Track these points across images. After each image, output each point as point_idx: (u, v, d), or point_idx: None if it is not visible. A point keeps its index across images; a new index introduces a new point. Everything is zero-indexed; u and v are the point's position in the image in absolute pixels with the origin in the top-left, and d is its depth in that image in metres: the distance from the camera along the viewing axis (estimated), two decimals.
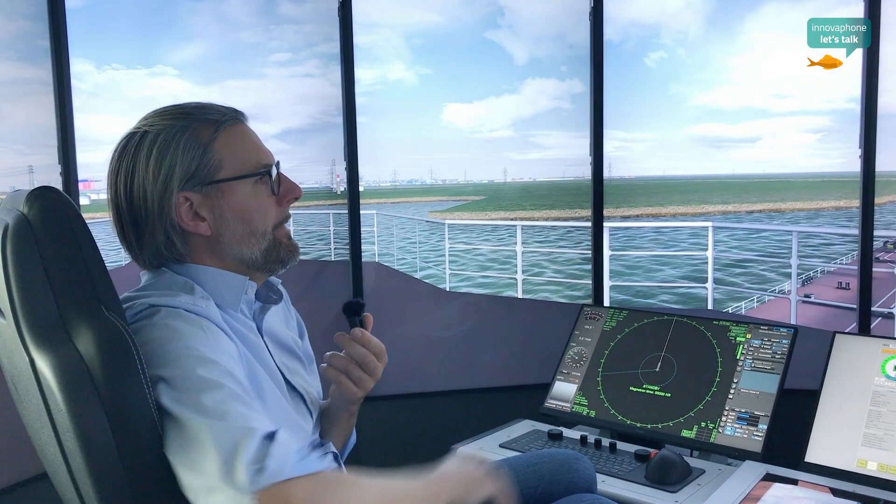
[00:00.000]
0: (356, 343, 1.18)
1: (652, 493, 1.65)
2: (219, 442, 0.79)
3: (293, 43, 3.19)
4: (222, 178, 1.01)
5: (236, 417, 0.82)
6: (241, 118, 1.07)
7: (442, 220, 8.40)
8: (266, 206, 1.05)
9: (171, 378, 0.85)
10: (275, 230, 1.07)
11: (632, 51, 34.27)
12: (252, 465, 0.78)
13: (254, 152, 1.05)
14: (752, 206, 57.46)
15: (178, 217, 1.00)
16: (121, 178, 1.01)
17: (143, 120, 1.03)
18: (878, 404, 1.71)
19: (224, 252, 1.04)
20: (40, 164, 2.21)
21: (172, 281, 1.01)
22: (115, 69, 4.33)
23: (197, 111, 1.03)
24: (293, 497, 0.78)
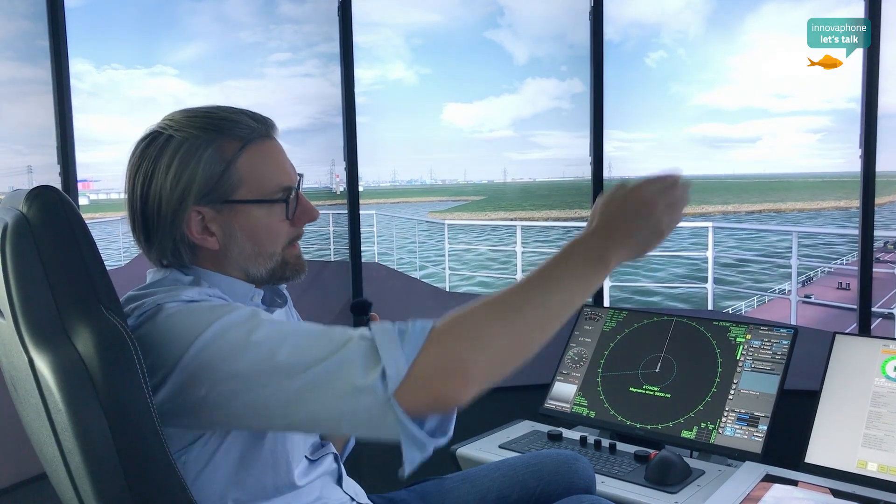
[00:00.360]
0: None
1: (652, 494, 1.65)
2: (331, 380, 0.80)
3: (293, 43, 3.20)
4: (239, 198, 0.99)
5: (316, 349, 0.82)
6: (271, 132, 1.04)
7: (441, 221, 8.40)
8: (278, 228, 1.03)
9: (231, 356, 0.84)
10: (284, 250, 1.05)
11: (632, 51, 34.24)
12: (371, 374, 0.78)
13: (276, 174, 1.02)
14: (752, 207, 57.46)
15: (187, 229, 0.99)
16: (139, 178, 0.99)
17: (169, 120, 1.01)
18: (878, 405, 1.71)
19: (230, 266, 1.03)
20: (39, 164, 2.21)
21: (178, 279, 1.01)
22: (115, 69, 4.35)
23: (226, 123, 1.00)
24: (423, 375, 0.78)
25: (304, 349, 0.82)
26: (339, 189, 2.93)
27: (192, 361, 0.84)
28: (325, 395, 0.80)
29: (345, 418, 0.81)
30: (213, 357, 0.84)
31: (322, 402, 0.81)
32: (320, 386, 0.80)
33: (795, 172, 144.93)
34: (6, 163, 2.33)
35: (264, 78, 3.22)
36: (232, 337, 0.85)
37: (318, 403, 0.81)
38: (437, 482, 1.43)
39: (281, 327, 0.87)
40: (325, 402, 0.81)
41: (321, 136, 1.94)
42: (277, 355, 0.82)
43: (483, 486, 1.41)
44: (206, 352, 0.84)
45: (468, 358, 0.79)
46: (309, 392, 0.81)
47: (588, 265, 0.88)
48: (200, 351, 0.84)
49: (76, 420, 0.79)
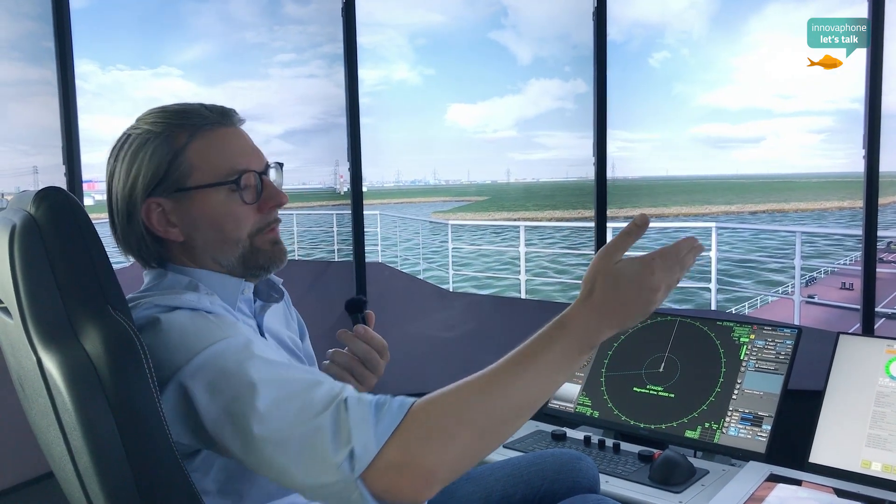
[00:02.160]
0: (359, 340, 1.18)
1: (656, 494, 1.65)
2: (301, 445, 0.79)
3: (297, 43, 3.19)
4: (191, 185, 0.99)
5: (296, 407, 0.81)
6: (226, 122, 1.03)
7: (445, 221, 8.40)
8: (240, 213, 1.02)
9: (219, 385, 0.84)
10: (253, 237, 1.03)
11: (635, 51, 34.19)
12: (341, 450, 0.77)
13: (229, 158, 1.01)
14: (755, 207, 57.36)
15: (148, 222, 1.00)
16: (107, 179, 1.03)
17: (136, 120, 1.03)
18: (882, 405, 1.71)
19: (200, 257, 1.03)
20: (45, 165, 2.22)
21: (175, 281, 1.01)
22: (120, 70, 4.36)
23: (179, 115, 1.01)
24: (391, 462, 0.77)
25: (284, 402, 0.81)
26: (342, 189, 2.94)
27: (185, 377, 0.85)
28: (294, 458, 0.79)
29: (308, 487, 0.81)
30: (203, 380, 0.84)
31: (290, 463, 0.80)
32: (290, 447, 0.80)
33: (799, 173, 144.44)
34: (12, 163, 2.34)
35: (268, 78, 3.22)
36: (223, 365, 0.85)
37: (285, 462, 0.80)
38: None
39: (271, 369, 0.85)
40: (293, 465, 0.80)
41: (325, 137, 1.95)
42: (259, 401, 0.81)
43: (487, 485, 1.41)
44: (198, 373, 0.85)
45: (433, 460, 0.78)
46: (280, 448, 0.80)
47: (580, 349, 0.85)
48: (193, 370, 0.85)
49: (85, 420, 0.79)
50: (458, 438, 0.79)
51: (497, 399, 0.81)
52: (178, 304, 0.94)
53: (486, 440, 0.82)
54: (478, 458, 0.82)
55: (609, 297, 0.85)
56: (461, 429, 0.79)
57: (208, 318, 0.93)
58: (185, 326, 0.89)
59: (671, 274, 0.88)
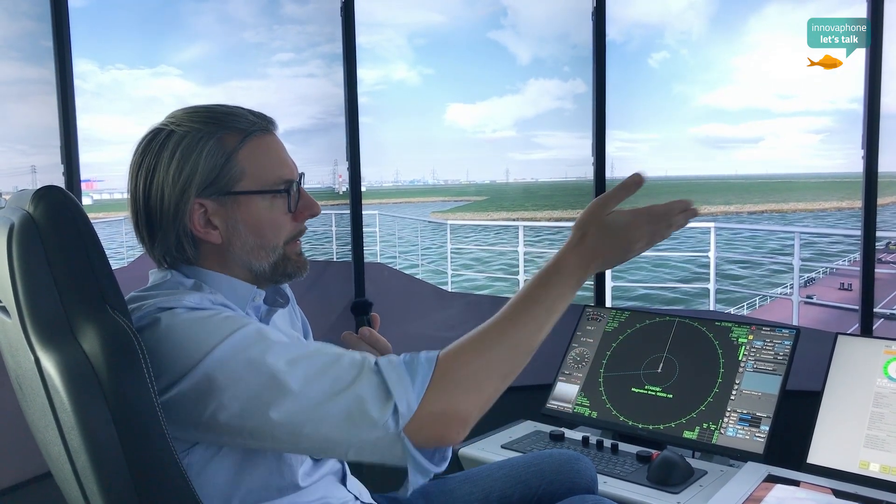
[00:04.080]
0: (364, 342, 1.19)
1: (654, 494, 1.65)
2: (342, 409, 0.85)
3: (296, 43, 3.20)
4: (241, 189, 1.00)
5: (329, 380, 0.86)
6: (271, 128, 1.06)
7: (444, 221, 8.40)
8: (280, 221, 1.04)
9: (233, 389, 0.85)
10: (286, 245, 1.06)
11: (635, 51, 34.36)
12: (384, 409, 0.84)
13: (277, 166, 1.03)
14: (754, 207, 57.38)
15: (190, 223, 0.99)
16: (142, 173, 1.00)
17: (171, 117, 1.02)
18: (880, 405, 1.71)
19: (233, 261, 1.03)
20: (43, 165, 2.22)
21: (180, 282, 1.01)
22: (119, 69, 4.35)
23: (227, 117, 1.01)
24: (429, 414, 0.85)
25: (315, 378, 0.86)
26: (341, 189, 2.93)
27: (202, 375, 0.85)
28: (336, 427, 0.85)
29: (352, 447, 0.87)
30: (225, 374, 0.85)
31: (331, 432, 0.85)
32: (331, 418, 0.84)
33: (798, 173, 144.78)
34: (10, 163, 2.34)
35: (267, 78, 3.22)
36: (245, 357, 0.86)
37: (326, 433, 0.85)
38: (440, 482, 1.43)
39: (291, 350, 0.88)
40: (335, 433, 0.85)
41: (324, 137, 1.95)
42: (290, 382, 0.85)
43: (485, 485, 1.41)
44: (219, 368, 0.85)
45: (469, 406, 0.88)
46: (320, 423, 0.85)
47: (572, 289, 0.97)
48: (213, 366, 0.85)
49: (82, 419, 0.79)
50: (486, 383, 0.89)
51: (512, 342, 0.92)
52: (181, 304, 0.93)
53: (506, 379, 0.92)
54: (500, 393, 0.92)
55: (598, 244, 0.98)
56: (487, 374, 0.89)
57: (213, 312, 0.92)
58: (192, 324, 0.89)
59: (657, 231, 1.00)
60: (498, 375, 0.90)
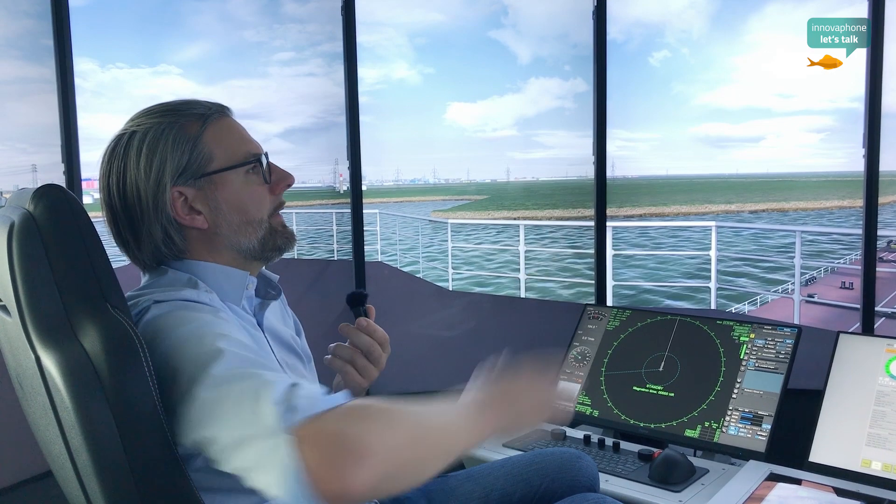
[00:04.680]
0: (361, 332, 1.19)
1: (656, 493, 1.65)
2: (241, 398, 0.76)
3: (296, 42, 3.19)
4: (214, 169, 1.02)
5: (255, 376, 0.79)
6: (227, 112, 1.08)
7: (445, 220, 8.39)
8: (259, 194, 1.07)
9: (185, 359, 0.83)
10: (270, 218, 1.08)
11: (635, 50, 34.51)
12: (280, 405, 0.73)
13: (243, 143, 1.06)
14: (755, 206, 57.39)
15: (173, 212, 1.01)
16: (113, 178, 1.02)
17: (129, 121, 1.05)
18: (882, 404, 1.71)
19: (222, 244, 1.05)
20: (44, 163, 2.21)
21: (175, 278, 1.02)
22: (119, 68, 4.35)
23: (182, 107, 1.04)
24: (326, 429, 0.73)
25: (237, 376, 0.79)
26: (342, 188, 2.93)
27: (162, 359, 0.85)
28: (233, 411, 0.77)
29: (231, 443, 0.76)
30: (173, 360, 0.84)
31: (228, 416, 0.77)
32: (231, 400, 0.77)
33: (799, 172, 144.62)
34: (11, 161, 2.34)
35: (268, 77, 3.21)
36: (190, 332, 0.86)
37: (225, 416, 0.77)
38: (442, 480, 1.43)
39: (234, 349, 0.84)
40: (231, 417, 0.77)
41: (324, 136, 1.94)
42: (212, 367, 0.80)
43: (487, 483, 1.41)
44: (172, 351, 0.85)
45: (372, 443, 0.73)
46: (220, 405, 0.78)
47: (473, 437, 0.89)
48: (169, 349, 0.85)
49: (83, 418, 0.79)
50: (397, 431, 0.77)
51: (418, 432, 0.81)
52: (177, 297, 0.95)
53: (417, 452, 0.80)
54: (407, 472, 0.79)
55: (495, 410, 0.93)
56: (400, 426, 0.78)
57: (202, 309, 0.94)
58: (177, 315, 0.90)
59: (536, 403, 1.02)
60: (409, 433, 0.79)
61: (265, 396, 0.75)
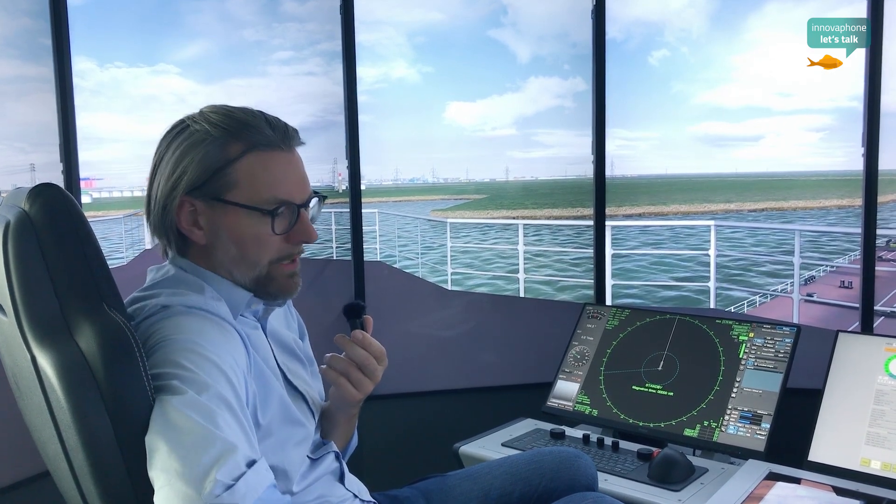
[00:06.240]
0: (357, 346, 1.17)
1: (655, 492, 1.65)
2: (202, 443, 0.78)
3: (295, 41, 3.18)
4: (228, 199, 1.00)
5: (225, 428, 0.80)
6: (284, 145, 1.03)
7: (444, 219, 8.39)
8: (266, 240, 1.02)
9: (174, 369, 0.84)
10: (273, 264, 1.04)
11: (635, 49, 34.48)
12: (225, 478, 0.76)
13: (274, 185, 1.01)
14: (754, 205, 57.39)
15: (177, 217, 1.00)
16: (154, 161, 1.03)
17: (198, 112, 1.03)
18: (881, 403, 1.71)
19: (218, 264, 1.03)
20: (42, 163, 2.21)
21: (182, 279, 1.01)
22: (118, 67, 4.35)
23: (241, 126, 1.00)
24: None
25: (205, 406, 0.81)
26: (341, 187, 2.92)
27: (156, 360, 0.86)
28: (187, 442, 0.78)
29: (174, 475, 0.77)
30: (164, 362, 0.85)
31: (178, 443, 0.78)
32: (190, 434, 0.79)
33: (798, 171, 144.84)
34: (9, 161, 2.33)
35: (267, 76, 3.21)
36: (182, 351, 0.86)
37: (176, 441, 0.78)
38: (440, 479, 1.43)
39: (221, 404, 0.83)
40: (179, 447, 0.78)
41: (323, 135, 1.95)
42: (170, 413, 0.80)
43: (486, 483, 1.41)
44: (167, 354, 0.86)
45: None
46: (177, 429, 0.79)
47: None
48: (166, 353, 0.86)
49: (79, 417, 0.79)
50: None
51: None
52: (185, 303, 0.94)
53: None
54: None
55: None
56: None
57: (207, 318, 0.93)
58: (180, 322, 0.90)
59: None
60: None
61: (220, 464, 0.76)
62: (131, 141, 5.43)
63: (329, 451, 1.18)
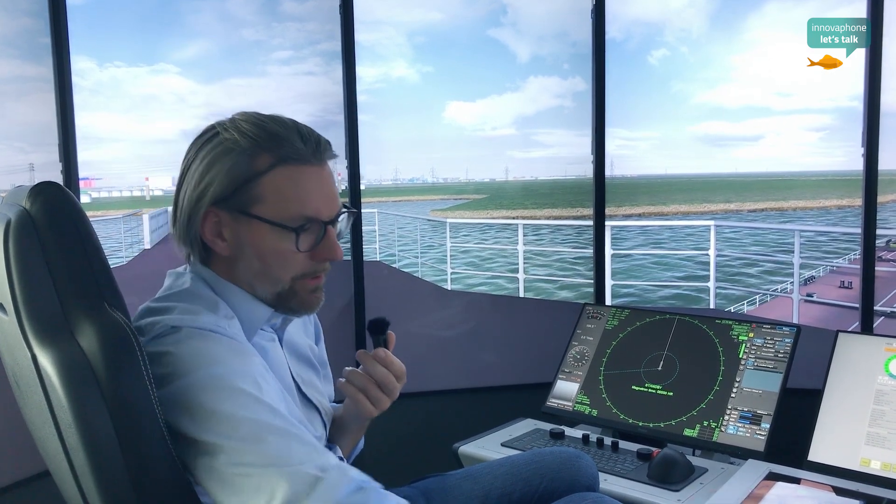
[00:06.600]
0: (378, 364, 1.15)
1: (654, 492, 1.65)
2: (280, 488, 0.81)
3: (295, 41, 3.18)
4: (254, 213, 0.97)
5: (292, 459, 0.83)
6: (315, 159, 1.00)
7: (443, 219, 8.39)
8: (290, 256, 1.00)
9: (209, 414, 0.84)
10: (296, 280, 1.02)
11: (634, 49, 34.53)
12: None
13: (300, 202, 0.98)
14: (754, 205, 57.37)
15: (201, 227, 0.98)
16: (183, 166, 1.01)
17: (230, 119, 1.01)
18: (881, 403, 1.71)
19: (240, 276, 1.01)
20: (41, 162, 2.21)
21: (197, 293, 0.99)
22: (117, 66, 4.33)
23: (271, 136, 0.97)
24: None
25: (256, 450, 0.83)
26: (340, 187, 2.93)
27: (177, 392, 0.85)
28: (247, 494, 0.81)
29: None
30: (190, 405, 0.84)
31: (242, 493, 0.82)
32: (248, 485, 0.82)
33: (798, 171, 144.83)
34: (8, 160, 2.33)
35: (266, 76, 3.20)
36: (217, 396, 0.85)
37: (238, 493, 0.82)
38: (440, 479, 1.43)
39: (265, 417, 0.86)
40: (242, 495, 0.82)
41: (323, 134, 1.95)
42: (248, 454, 0.83)
43: (486, 483, 1.41)
44: (190, 392, 0.85)
45: None
46: (234, 484, 0.82)
47: None
48: (187, 388, 0.85)
49: (80, 416, 0.78)
50: None
51: None
52: (194, 325, 0.92)
53: None
54: None
55: None
56: None
57: (220, 342, 0.91)
58: (195, 348, 0.89)
59: None
60: None
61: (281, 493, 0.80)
62: (131, 141, 5.37)
63: (335, 455, 1.17)
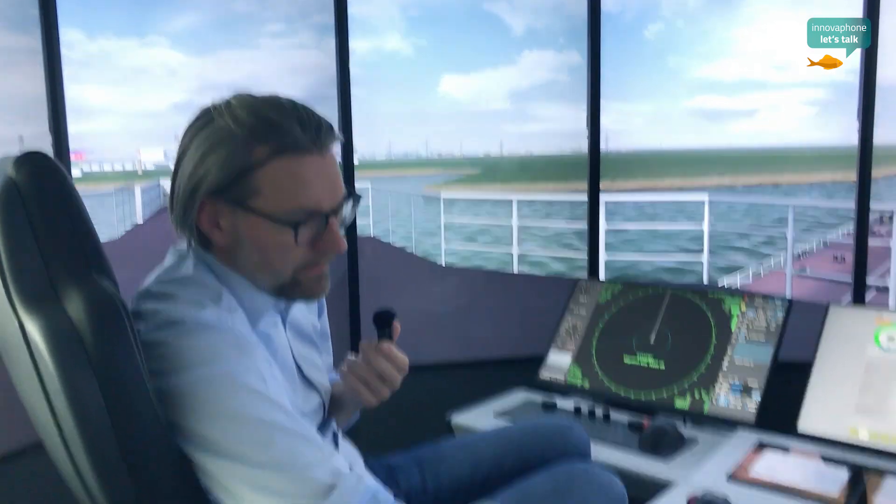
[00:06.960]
0: (382, 357, 1.14)
1: (645, 463, 1.67)
2: (289, 492, 0.84)
3: (287, 13, 3.14)
4: (250, 207, 0.93)
5: (301, 465, 0.85)
6: (315, 148, 0.94)
7: (437, 195, 8.37)
8: (290, 249, 0.95)
9: (213, 411, 0.84)
10: (297, 271, 0.98)
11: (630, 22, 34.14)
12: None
13: (300, 194, 0.93)
14: (749, 179, 57.37)
15: (197, 217, 0.95)
16: (178, 152, 0.96)
17: (225, 102, 0.95)
18: (870, 373, 1.72)
19: (239, 265, 0.98)
20: (31, 134, 2.19)
21: (198, 280, 0.96)
22: (107, 38, 4.28)
23: (268, 125, 0.91)
24: None
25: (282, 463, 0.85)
26: None
27: (179, 387, 0.85)
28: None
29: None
30: (195, 401, 0.84)
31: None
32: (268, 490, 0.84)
33: (793, 145, 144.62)
34: None
35: (258, 49, 3.17)
36: (224, 394, 0.85)
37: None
38: (433, 448, 1.44)
39: (274, 417, 0.86)
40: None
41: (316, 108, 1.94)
42: (256, 455, 0.84)
43: (479, 451, 1.42)
44: (195, 389, 0.85)
45: None
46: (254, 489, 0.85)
47: None
48: (191, 384, 0.84)
49: (68, 384, 0.78)
50: None
51: None
52: (195, 319, 0.89)
53: None
54: None
55: None
56: None
57: (222, 336, 0.89)
58: (195, 346, 0.87)
59: None
60: None
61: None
62: (121, 113, 5.33)
63: (330, 429, 1.18)
